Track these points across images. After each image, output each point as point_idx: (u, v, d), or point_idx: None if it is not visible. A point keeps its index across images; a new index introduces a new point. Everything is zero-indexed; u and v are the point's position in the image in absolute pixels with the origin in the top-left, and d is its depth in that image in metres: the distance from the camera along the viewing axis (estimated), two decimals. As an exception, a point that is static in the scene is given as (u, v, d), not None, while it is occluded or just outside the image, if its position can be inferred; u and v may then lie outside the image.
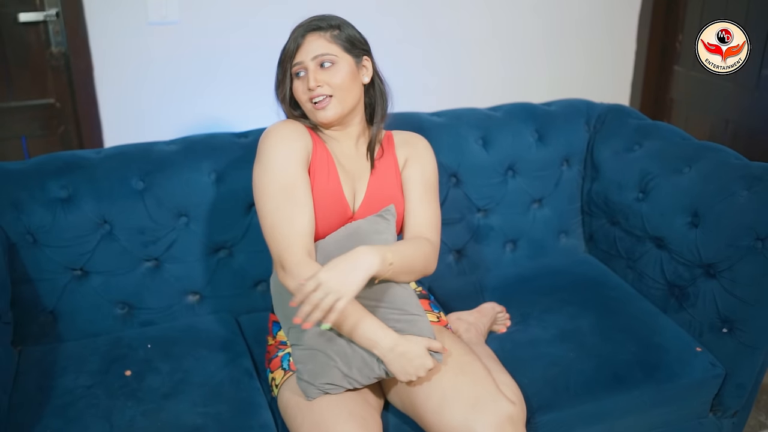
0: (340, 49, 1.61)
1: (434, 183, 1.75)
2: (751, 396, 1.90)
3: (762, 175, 1.85)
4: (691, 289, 1.95)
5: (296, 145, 1.59)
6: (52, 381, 1.71)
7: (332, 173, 1.64)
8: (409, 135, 1.80)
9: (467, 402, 1.49)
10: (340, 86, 1.60)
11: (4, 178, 1.82)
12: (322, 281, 1.38)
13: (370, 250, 1.45)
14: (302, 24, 1.62)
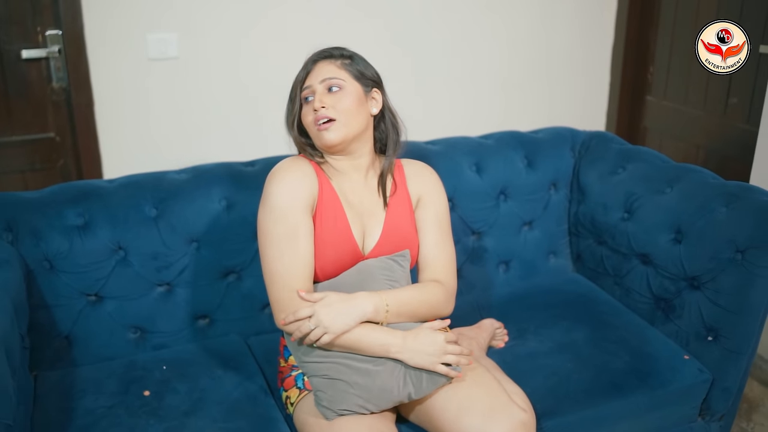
0: (349, 76, 1.67)
1: (447, 221, 1.79)
2: (736, 400, 2.01)
3: (738, 192, 1.99)
4: (676, 301, 2.07)
5: (301, 190, 1.62)
6: (72, 403, 1.76)
7: (340, 215, 1.67)
8: (420, 167, 1.83)
9: (483, 411, 1.57)
10: (345, 111, 1.64)
11: (23, 207, 1.88)
12: (317, 314, 1.51)
13: (368, 298, 1.56)
14: (312, 56, 1.70)
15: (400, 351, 1.55)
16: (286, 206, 1.60)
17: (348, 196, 1.70)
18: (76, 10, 2.48)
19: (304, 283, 1.59)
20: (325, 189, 1.67)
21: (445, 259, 1.75)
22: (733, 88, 2.80)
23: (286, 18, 2.72)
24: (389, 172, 1.76)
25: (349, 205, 1.69)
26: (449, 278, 1.74)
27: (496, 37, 3.07)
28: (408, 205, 1.76)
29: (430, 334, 1.57)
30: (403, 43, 2.91)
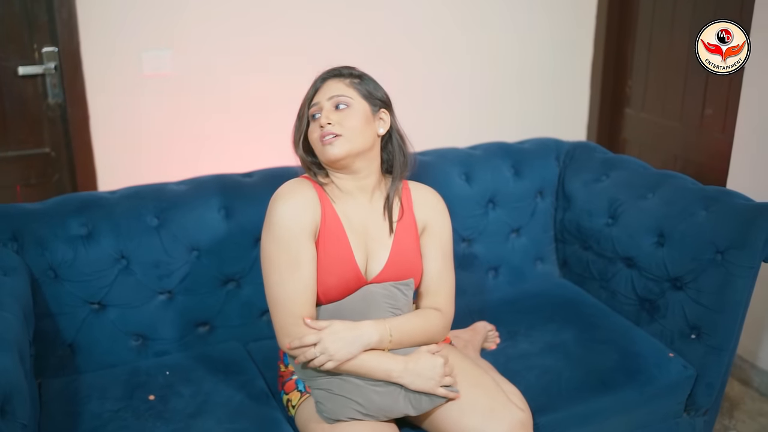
0: (358, 95, 1.69)
1: (451, 249, 1.82)
2: (719, 395, 2.09)
3: (717, 196, 2.09)
4: (660, 302, 2.15)
5: (303, 216, 1.63)
6: (78, 407, 1.80)
7: (342, 240, 1.68)
8: (427, 194, 1.83)
9: (483, 411, 1.63)
10: (351, 128, 1.65)
11: (28, 218, 1.93)
12: (322, 341, 1.56)
13: (374, 327, 1.61)
14: (322, 73, 1.73)
15: (401, 376, 1.60)
16: (289, 234, 1.62)
17: (351, 219, 1.71)
18: (73, 27, 2.54)
19: (307, 309, 1.63)
20: (328, 214, 1.68)
21: (446, 289, 1.79)
22: (708, 100, 2.91)
23: (276, 35, 2.80)
24: (396, 195, 1.77)
25: (352, 229, 1.71)
26: (449, 307, 1.79)
27: (481, 54, 3.16)
28: (414, 231, 1.78)
29: (430, 358, 1.62)
30: (390, 59, 2.99)
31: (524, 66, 3.27)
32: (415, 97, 3.06)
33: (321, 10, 2.84)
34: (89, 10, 2.54)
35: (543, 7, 3.23)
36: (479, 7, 3.10)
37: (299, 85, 2.79)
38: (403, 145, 1.78)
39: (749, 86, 2.52)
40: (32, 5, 2.52)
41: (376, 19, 2.95)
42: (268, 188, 2.11)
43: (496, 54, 3.19)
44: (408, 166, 1.78)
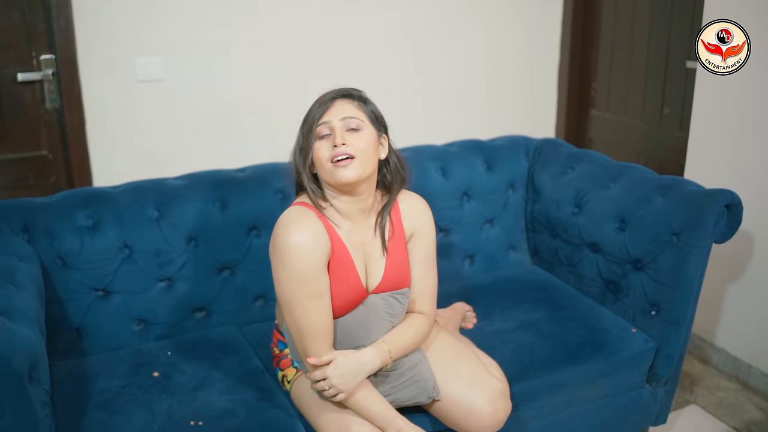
0: (367, 118, 1.72)
1: (434, 253, 1.90)
2: (678, 366, 2.28)
3: (672, 184, 2.29)
4: (623, 283, 2.34)
5: (318, 253, 1.66)
6: (88, 385, 1.93)
7: (349, 264, 1.74)
8: (415, 204, 1.88)
9: (466, 381, 1.81)
10: (364, 151, 1.67)
11: (38, 210, 2.07)
12: (329, 376, 1.67)
13: (374, 353, 1.71)
14: (330, 93, 1.74)
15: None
16: (309, 270, 1.65)
17: (353, 241, 1.76)
18: (70, 35, 2.67)
19: (330, 332, 1.71)
20: (335, 242, 1.72)
21: (429, 292, 1.89)
22: (666, 100, 3.12)
23: (260, 41, 2.95)
24: (387, 214, 1.82)
25: (354, 251, 1.76)
26: (431, 309, 1.89)
27: (457, 59, 3.35)
28: (403, 243, 1.85)
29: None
30: (373, 63, 3.17)
31: (496, 71, 3.46)
32: (395, 98, 3.24)
33: (304, 17, 3.00)
34: (85, 20, 2.68)
35: (513, 17, 3.43)
36: (455, 16, 3.30)
37: (282, 88, 3.00)
38: (401, 164, 1.83)
39: (701, 86, 2.73)
40: (31, 15, 2.65)
41: (360, 25, 3.13)
42: (260, 182, 2.30)
43: (470, 60, 3.39)
44: (406, 184, 1.86)
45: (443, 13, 3.27)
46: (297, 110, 1.94)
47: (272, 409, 1.85)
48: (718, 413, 2.58)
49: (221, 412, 1.82)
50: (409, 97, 3.29)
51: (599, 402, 2.19)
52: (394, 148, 1.83)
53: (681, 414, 2.58)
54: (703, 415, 2.58)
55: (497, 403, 1.79)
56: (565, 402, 2.12)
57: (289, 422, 1.81)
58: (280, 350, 1.97)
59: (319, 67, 3.05)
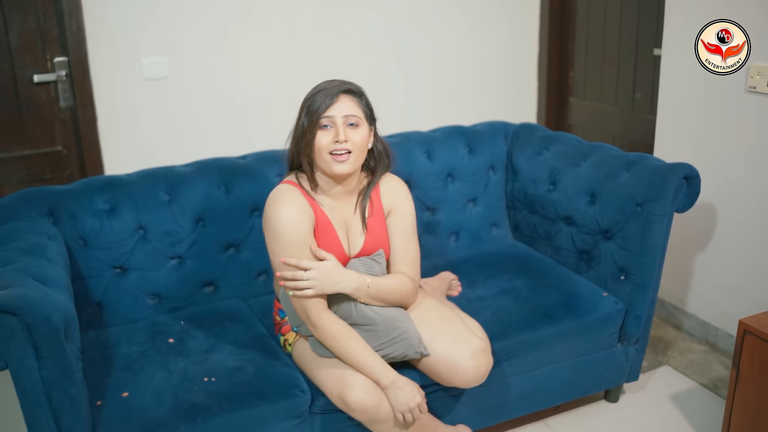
0: (363, 115, 1.93)
1: (413, 226, 2.09)
2: (647, 326, 2.49)
3: (636, 160, 2.50)
4: (595, 252, 2.55)
5: (304, 225, 1.90)
6: (111, 351, 2.15)
7: (333, 236, 1.98)
8: (393, 185, 2.09)
9: (450, 340, 2.01)
10: (359, 146, 1.90)
11: (61, 196, 2.28)
12: (315, 270, 1.86)
13: (355, 279, 1.92)
14: (334, 84, 1.91)
15: (387, 387, 1.88)
16: (298, 241, 1.89)
17: (335, 214, 2.00)
18: (81, 39, 2.89)
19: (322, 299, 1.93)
20: (320, 215, 1.96)
21: (410, 259, 2.08)
22: (637, 86, 3.34)
23: (256, 41, 3.18)
24: (369, 193, 2.04)
25: (336, 222, 2.00)
26: (414, 273, 2.07)
27: (441, 51, 3.58)
28: (382, 217, 2.07)
29: (413, 389, 1.90)
30: (365, 55, 3.40)
31: (479, 62, 3.68)
32: (384, 88, 3.46)
33: (296, 18, 3.22)
34: (95, 24, 2.90)
35: (494, 11, 3.65)
36: (440, 11, 3.52)
37: (278, 82, 3.22)
38: (387, 151, 2.05)
39: (666, 72, 2.95)
40: (45, 21, 2.87)
41: (350, 22, 3.36)
42: (260, 167, 2.52)
43: (455, 51, 3.61)
44: (389, 169, 2.09)
45: (428, 8, 3.50)
46: (292, 102, 2.16)
47: (277, 367, 2.07)
48: (688, 372, 2.80)
49: (231, 370, 2.04)
50: (397, 87, 3.52)
51: (575, 360, 2.41)
52: (380, 136, 2.05)
53: (654, 374, 2.80)
54: (674, 374, 2.80)
55: (479, 358, 1.99)
56: (543, 359, 2.33)
57: (293, 376, 2.03)
58: (281, 318, 2.18)
59: (312, 62, 3.27)
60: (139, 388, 1.96)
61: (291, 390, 1.99)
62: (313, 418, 2.02)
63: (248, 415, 1.91)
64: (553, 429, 2.49)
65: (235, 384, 1.98)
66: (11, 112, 2.92)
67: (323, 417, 2.03)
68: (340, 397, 1.89)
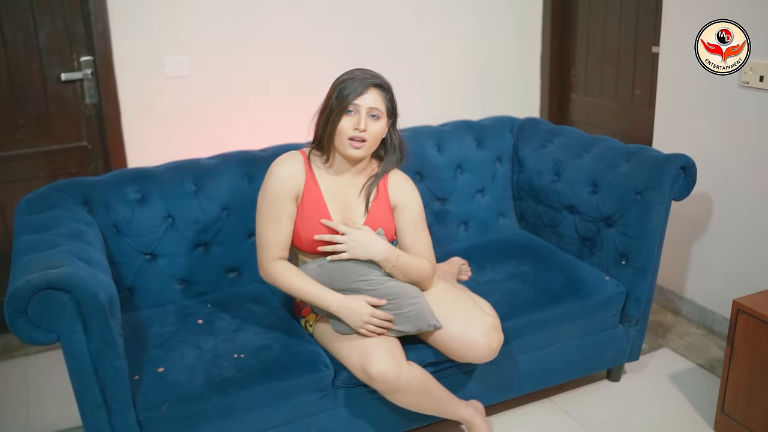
0: (385, 109, 2.10)
1: (422, 217, 2.23)
2: (647, 308, 2.63)
3: (635, 151, 2.65)
4: (597, 238, 2.69)
5: (288, 184, 2.10)
6: (144, 331, 2.28)
7: (322, 208, 2.14)
8: (400, 180, 2.24)
9: (463, 319, 2.15)
10: (375, 137, 2.09)
11: (95, 187, 2.42)
12: (348, 237, 2.06)
13: (386, 245, 2.11)
14: (366, 75, 2.08)
15: (338, 310, 2.07)
16: (274, 197, 2.11)
17: (334, 192, 2.16)
18: (106, 39, 3.03)
19: (280, 252, 2.14)
20: (310, 186, 2.13)
21: (424, 247, 2.23)
22: (636, 82, 3.48)
23: (273, 40, 3.32)
24: (377, 181, 2.19)
25: (332, 198, 2.15)
26: (432, 260, 2.24)
27: (451, 50, 3.72)
28: (385, 205, 2.21)
29: (362, 304, 2.06)
30: (381, 54, 3.54)
31: (486, 60, 3.83)
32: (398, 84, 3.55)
33: (311, 20, 3.37)
34: (120, 25, 3.03)
35: (499, 14, 3.79)
36: (448, 13, 3.66)
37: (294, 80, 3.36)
38: (402, 146, 2.22)
39: (663, 69, 3.09)
40: (72, 22, 3.01)
41: (363, 24, 3.50)
42: (281, 160, 2.64)
43: (463, 50, 3.76)
44: (401, 163, 2.25)
45: (439, 11, 3.65)
46: (308, 97, 2.32)
47: (301, 344, 2.21)
48: (686, 354, 2.94)
49: (259, 347, 2.18)
50: (411, 83, 3.66)
51: (579, 340, 2.55)
52: (398, 131, 2.21)
53: (654, 355, 2.94)
54: (673, 355, 2.94)
55: (491, 335, 2.14)
56: (549, 338, 2.48)
57: (317, 352, 2.17)
58: (300, 300, 2.32)
59: (326, 61, 3.41)
60: (173, 364, 2.10)
61: (315, 365, 2.13)
62: (335, 391, 2.17)
63: (276, 387, 2.06)
64: (559, 406, 2.63)
65: (263, 360, 2.12)
66: (40, 109, 3.06)
67: (346, 390, 2.17)
68: (362, 368, 2.03)
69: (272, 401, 2.06)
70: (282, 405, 2.08)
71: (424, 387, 2.10)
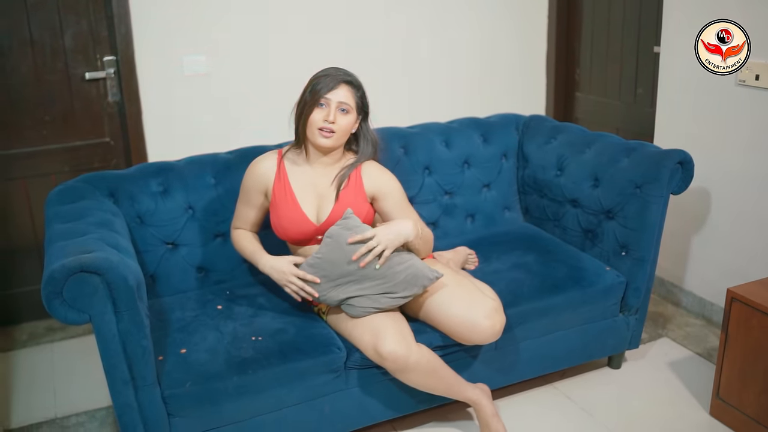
0: (354, 105, 2.26)
1: (403, 198, 2.37)
2: (646, 298, 2.74)
3: (635, 147, 2.75)
4: (598, 230, 2.80)
5: (258, 178, 2.35)
6: (166, 316, 2.41)
7: (290, 198, 2.30)
8: (373, 170, 2.36)
9: (465, 303, 2.27)
10: (343, 129, 2.25)
11: (120, 179, 2.55)
12: (379, 236, 2.18)
13: (408, 223, 2.24)
14: (338, 73, 2.25)
15: (263, 267, 2.33)
16: (246, 187, 2.39)
17: (306, 183, 2.33)
18: (129, 40, 3.17)
19: (241, 224, 2.46)
20: (281, 183, 2.32)
21: (415, 218, 2.36)
22: (639, 81, 3.59)
23: (286, 38, 3.44)
24: (349, 171, 2.33)
25: (304, 190, 2.32)
26: (424, 227, 2.37)
27: (458, 49, 3.84)
28: (360, 195, 2.32)
29: (283, 266, 2.28)
30: (392, 55, 3.67)
31: (493, 59, 3.94)
32: (407, 83, 3.74)
33: (325, 20, 3.49)
34: (142, 26, 3.17)
35: (506, 12, 3.91)
36: (456, 13, 3.78)
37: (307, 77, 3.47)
38: (374, 142, 2.37)
39: (664, 68, 3.20)
40: (96, 24, 3.15)
41: (376, 25, 3.63)
42: (296, 154, 2.76)
43: (470, 49, 3.88)
44: (372, 157, 2.38)
45: (446, 11, 3.76)
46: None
47: (316, 328, 2.33)
48: (685, 343, 3.05)
49: (275, 330, 2.30)
50: (419, 82, 3.78)
51: (580, 327, 2.66)
52: (370, 128, 2.38)
53: (654, 345, 3.05)
54: (672, 344, 3.05)
55: (494, 317, 2.25)
56: (551, 325, 2.59)
57: (330, 336, 2.30)
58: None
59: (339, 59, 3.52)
60: (195, 345, 2.23)
61: (329, 347, 2.25)
62: (348, 372, 2.29)
63: (292, 368, 2.19)
64: (561, 392, 2.75)
65: (280, 342, 2.25)
66: (65, 107, 3.20)
67: (358, 372, 2.30)
68: (374, 348, 2.16)
69: (288, 381, 2.19)
70: (297, 384, 2.21)
71: (432, 367, 2.22)
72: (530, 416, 2.59)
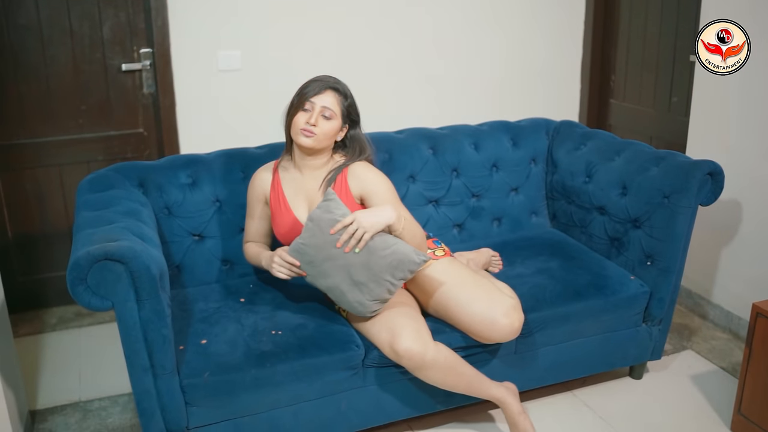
0: (339, 112, 2.32)
1: (392, 194, 2.36)
2: (670, 309, 2.71)
3: (665, 156, 2.73)
4: (624, 239, 2.78)
5: (258, 191, 2.45)
6: (189, 306, 2.45)
7: (284, 205, 2.39)
8: (358, 169, 2.37)
9: (485, 301, 2.28)
10: (325, 133, 2.30)
11: (149, 170, 2.60)
12: (357, 218, 2.16)
13: (389, 208, 2.22)
14: (328, 80, 2.33)
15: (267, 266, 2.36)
16: (249, 199, 2.50)
17: (296, 188, 2.40)
18: (165, 33, 3.21)
19: (250, 238, 2.54)
20: (274, 189, 2.41)
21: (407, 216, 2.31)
22: (674, 90, 3.55)
23: (318, 36, 3.46)
24: (336, 174, 2.36)
25: (295, 195, 2.39)
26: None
27: (492, 54, 3.82)
28: (347, 196, 2.33)
29: (275, 252, 2.30)
30: (420, 60, 3.66)
31: (528, 64, 3.92)
32: (439, 86, 3.74)
33: (356, 19, 3.51)
34: (178, 20, 3.22)
35: (542, 18, 3.88)
36: (494, 18, 3.77)
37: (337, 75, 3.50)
38: (362, 146, 2.41)
39: (699, 78, 3.16)
40: (134, 16, 3.21)
41: (411, 27, 3.63)
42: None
43: (506, 54, 3.86)
44: (362, 158, 2.40)
45: (484, 13, 3.76)
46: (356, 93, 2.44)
47: (335, 325, 2.35)
48: (710, 356, 3.01)
49: (296, 325, 2.33)
50: (451, 86, 3.78)
51: (602, 335, 2.64)
52: (361, 136, 2.42)
53: (678, 356, 3.02)
54: (696, 357, 3.01)
55: (512, 315, 2.27)
56: (572, 332, 2.58)
57: (349, 333, 2.32)
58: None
59: (370, 59, 3.55)
60: (216, 337, 2.26)
61: (347, 344, 2.27)
62: (366, 370, 2.30)
63: (310, 363, 2.21)
64: (580, 399, 2.73)
65: (299, 337, 2.27)
66: (101, 97, 3.26)
67: (376, 370, 2.31)
68: (390, 345, 2.17)
69: (305, 376, 2.21)
70: (314, 380, 2.22)
71: (450, 364, 2.23)
72: (548, 422, 2.58)
